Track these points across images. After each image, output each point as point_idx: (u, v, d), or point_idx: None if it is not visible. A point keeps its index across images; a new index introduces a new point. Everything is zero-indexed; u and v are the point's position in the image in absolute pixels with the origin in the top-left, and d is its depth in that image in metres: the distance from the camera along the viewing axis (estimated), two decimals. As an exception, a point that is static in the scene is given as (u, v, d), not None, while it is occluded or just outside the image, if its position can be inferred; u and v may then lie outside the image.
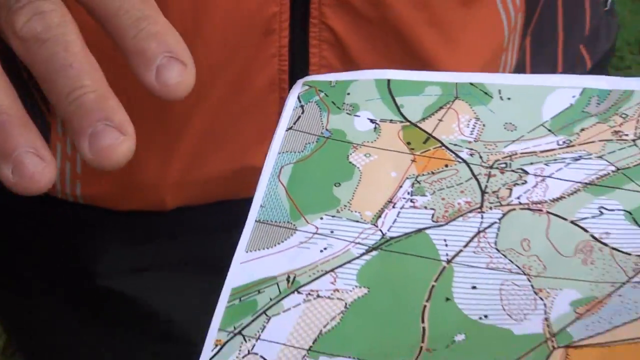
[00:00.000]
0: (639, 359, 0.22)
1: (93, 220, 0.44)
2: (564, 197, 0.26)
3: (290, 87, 0.32)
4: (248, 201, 0.28)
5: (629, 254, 0.25)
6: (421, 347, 0.24)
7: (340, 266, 0.26)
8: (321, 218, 0.28)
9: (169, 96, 0.22)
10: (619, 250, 0.25)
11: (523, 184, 0.27)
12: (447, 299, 0.25)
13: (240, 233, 0.28)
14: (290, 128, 0.30)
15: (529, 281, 0.25)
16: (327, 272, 0.26)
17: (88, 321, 0.49)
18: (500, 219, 0.26)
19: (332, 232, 0.27)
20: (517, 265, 0.25)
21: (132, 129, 0.22)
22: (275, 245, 0.27)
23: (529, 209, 0.26)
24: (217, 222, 0.30)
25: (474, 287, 0.25)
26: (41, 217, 0.46)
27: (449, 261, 0.26)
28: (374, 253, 0.26)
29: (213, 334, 0.26)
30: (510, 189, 0.27)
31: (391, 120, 0.30)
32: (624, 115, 0.27)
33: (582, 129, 0.28)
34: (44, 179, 0.22)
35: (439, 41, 0.38)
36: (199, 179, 0.40)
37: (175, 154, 0.40)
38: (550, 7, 0.44)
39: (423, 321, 0.25)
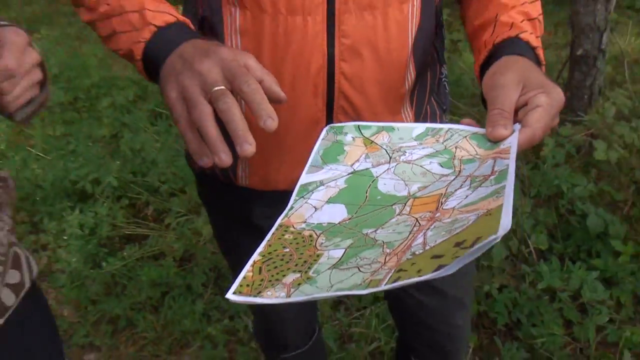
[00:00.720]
0: (433, 202, 0.68)
1: (251, 195, 0.97)
2: (419, 159, 0.73)
3: None
4: None
5: (438, 174, 0.72)
6: (365, 200, 0.70)
7: (338, 178, 0.73)
8: (332, 164, 0.75)
9: (268, 130, 0.65)
10: (434, 173, 0.72)
11: (404, 155, 0.74)
12: (376, 187, 0.71)
13: None
14: (323, 139, 0.78)
15: (405, 182, 0.71)
16: (333, 180, 0.73)
17: (250, 238, 0.92)
18: (395, 165, 0.73)
19: (337, 169, 0.74)
20: (401, 178, 0.72)
21: (254, 143, 0.63)
22: (316, 172, 0.74)
23: (406, 162, 0.73)
24: None
25: (384, 184, 0.72)
26: (232, 193, 0.99)
27: (377, 177, 0.73)
28: (351, 175, 0.73)
29: (293, 196, 0.72)
30: (400, 157, 0.74)
31: (359, 137, 0.78)
32: (439, 135, 0.75)
33: (425, 139, 0.76)
34: (227, 162, 0.63)
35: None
36: (293, 177, 0.85)
37: (282, 167, 0.90)
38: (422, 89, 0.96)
39: (366, 194, 0.71)
